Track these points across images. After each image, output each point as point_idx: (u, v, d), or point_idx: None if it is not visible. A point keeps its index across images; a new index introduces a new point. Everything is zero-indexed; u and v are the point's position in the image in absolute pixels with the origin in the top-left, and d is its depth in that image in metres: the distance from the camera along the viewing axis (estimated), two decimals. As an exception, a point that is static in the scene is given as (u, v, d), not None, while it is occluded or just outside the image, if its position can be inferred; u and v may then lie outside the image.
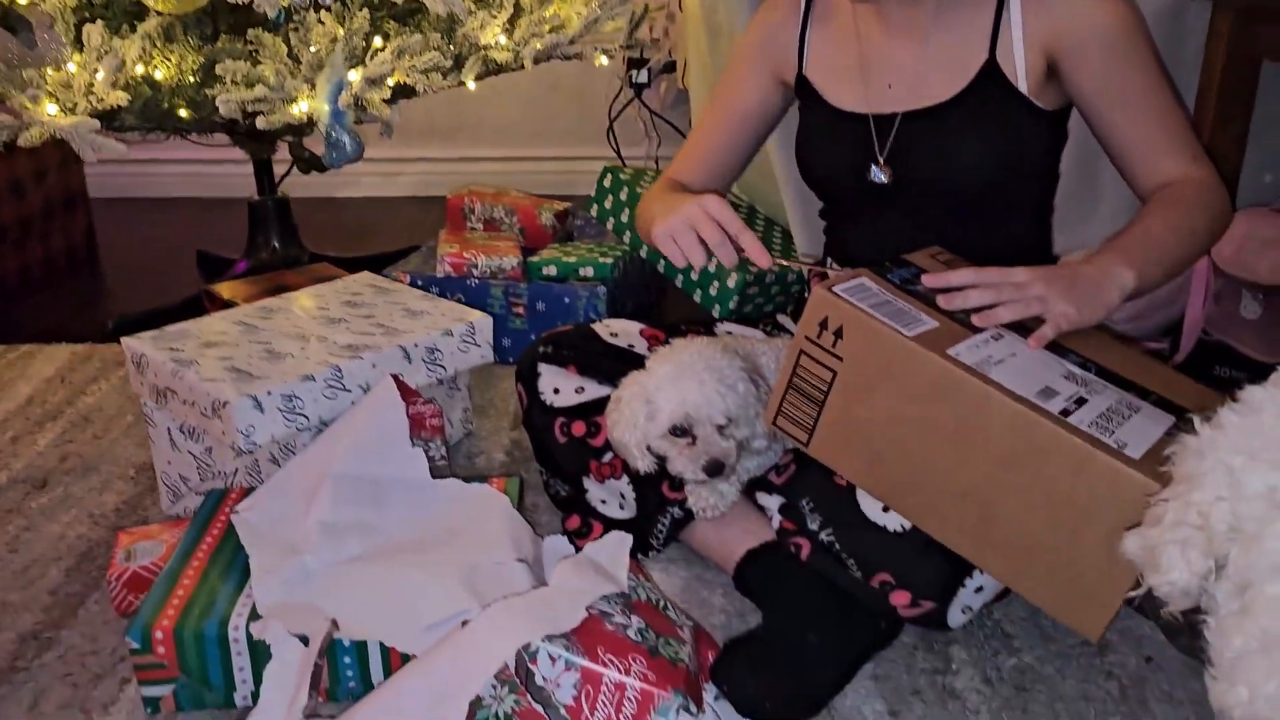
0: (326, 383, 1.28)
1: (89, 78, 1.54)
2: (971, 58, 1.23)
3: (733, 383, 1.12)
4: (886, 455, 1.03)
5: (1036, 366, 1.00)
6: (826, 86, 1.34)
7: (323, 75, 1.63)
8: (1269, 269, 1.67)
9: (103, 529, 1.38)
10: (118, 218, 2.94)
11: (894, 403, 1.01)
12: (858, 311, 1.00)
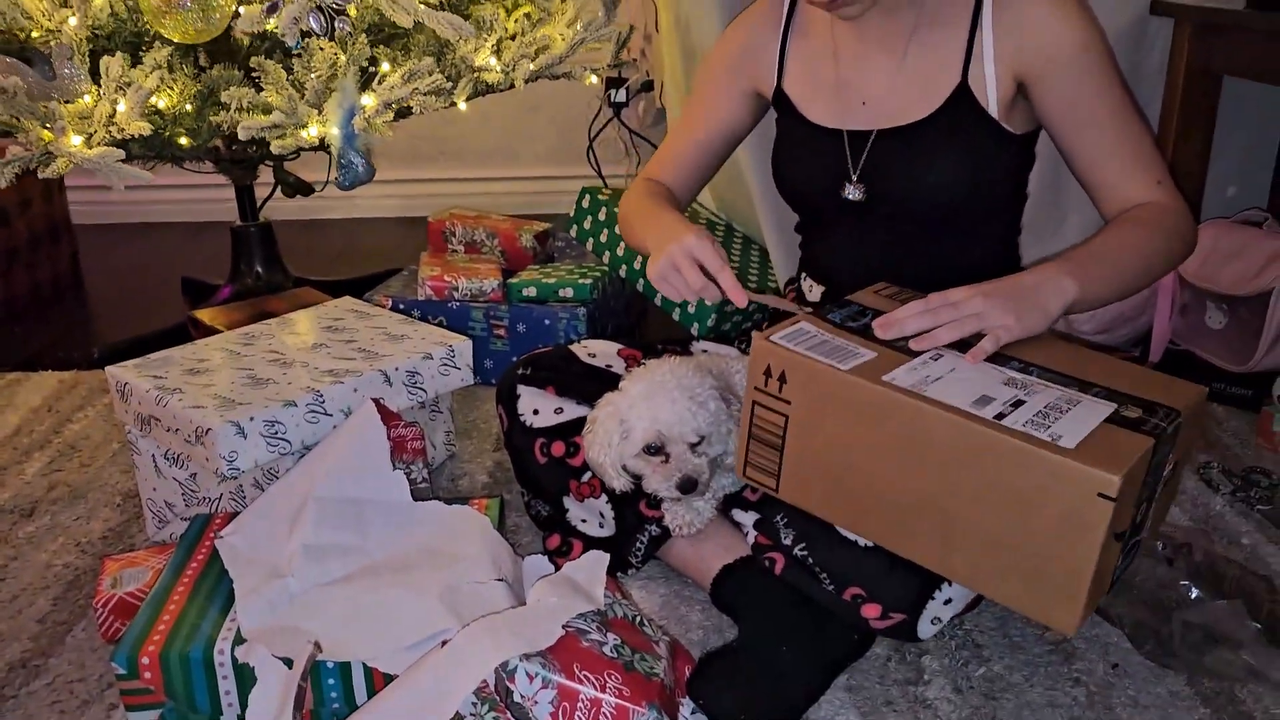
0: (308, 408, 1.31)
1: (109, 108, 1.57)
2: (944, 80, 1.26)
3: (704, 400, 1.15)
4: (845, 485, 1.07)
5: (974, 378, 1.04)
6: (803, 101, 1.37)
7: (333, 100, 1.67)
8: (1231, 280, 1.71)
9: (90, 557, 1.40)
10: (102, 244, 2.96)
11: (842, 434, 1.05)
12: (796, 355, 1.05)
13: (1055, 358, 1.10)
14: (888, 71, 1.29)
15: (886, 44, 1.29)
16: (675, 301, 1.25)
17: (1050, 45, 1.21)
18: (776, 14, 1.39)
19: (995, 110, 1.25)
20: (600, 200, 2.07)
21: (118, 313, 2.46)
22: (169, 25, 1.58)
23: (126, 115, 1.57)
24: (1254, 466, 1.54)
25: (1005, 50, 1.23)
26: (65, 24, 1.59)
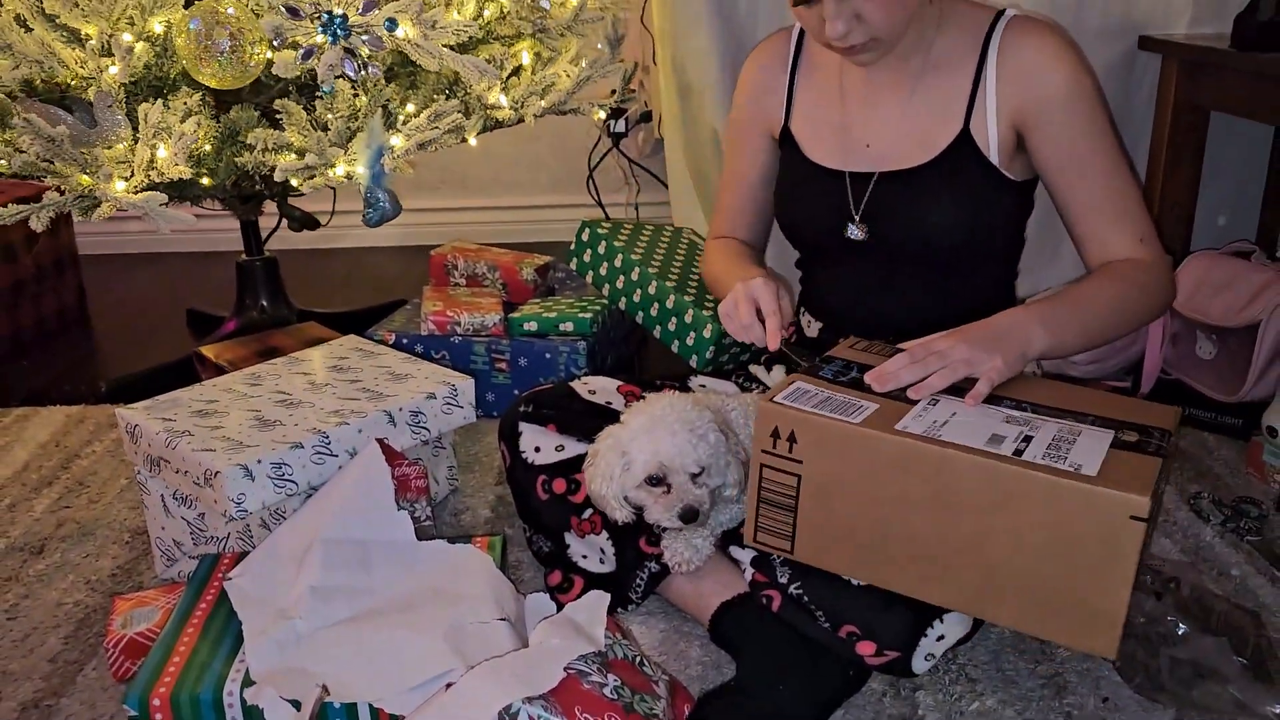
0: (314, 449, 1.33)
1: (149, 153, 1.61)
2: (947, 126, 1.30)
3: (704, 433, 1.18)
4: (870, 541, 1.08)
5: (979, 420, 1.06)
6: (807, 141, 1.41)
7: (360, 140, 1.72)
8: (1221, 311, 1.74)
9: (99, 595, 1.42)
10: (108, 274, 2.99)
11: (863, 489, 1.06)
12: (804, 414, 1.07)
13: (1039, 393, 1.13)
14: (893, 116, 1.33)
15: (893, 89, 1.34)
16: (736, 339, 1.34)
17: (1048, 95, 1.26)
18: (784, 52, 1.44)
19: (996, 157, 1.29)
20: (599, 234, 2.10)
21: (124, 345, 2.49)
22: (206, 72, 1.62)
23: (169, 160, 1.62)
24: (1244, 497, 1.56)
25: (1007, 99, 1.28)
26: (105, 72, 1.63)
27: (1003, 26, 1.30)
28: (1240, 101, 1.71)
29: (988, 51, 1.29)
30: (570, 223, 2.35)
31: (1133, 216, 1.29)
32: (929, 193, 1.31)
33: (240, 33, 1.60)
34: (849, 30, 1.19)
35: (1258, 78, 1.62)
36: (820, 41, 1.25)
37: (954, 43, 1.31)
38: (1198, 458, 1.72)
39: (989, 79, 1.28)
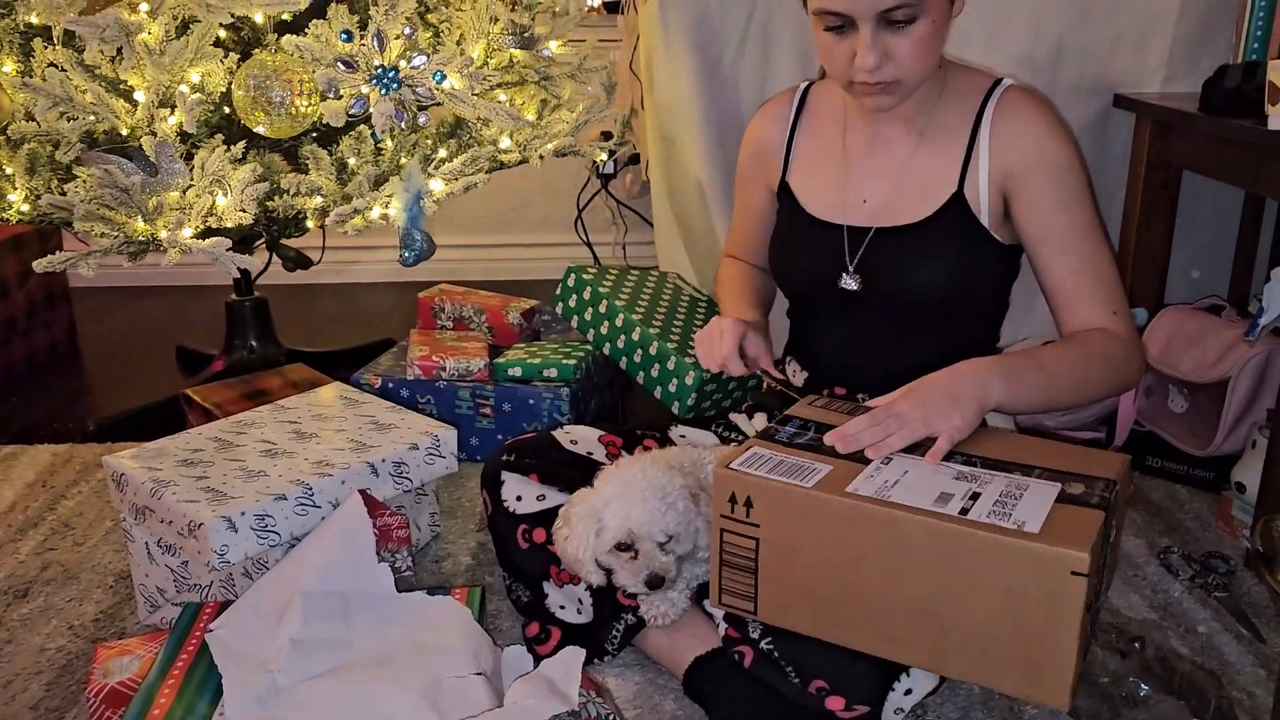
0: (298, 500, 1.35)
1: (209, 200, 1.67)
2: (942, 187, 1.35)
3: (673, 501, 1.21)
4: (829, 600, 1.11)
5: (928, 478, 1.10)
6: (805, 194, 1.45)
7: (397, 184, 1.81)
8: (1192, 366, 1.78)
9: (82, 640, 1.43)
10: (99, 309, 3.02)
11: (818, 550, 1.09)
12: (758, 479, 1.10)
13: (991, 446, 1.17)
14: (892, 174, 1.39)
15: (895, 148, 1.39)
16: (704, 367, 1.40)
17: (1032, 164, 1.31)
18: (786, 110, 1.50)
19: (986, 220, 1.34)
20: (585, 279, 2.14)
21: (113, 381, 2.51)
22: (260, 121, 1.69)
23: (231, 206, 1.69)
24: (1213, 552, 1.59)
25: (998, 164, 1.33)
26: (164, 121, 1.69)
27: (999, 95, 1.35)
28: (1209, 163, 1.75)
29: (983, 118, 1.34)
30: (559, 261, 2.39)
31: (1108, 290, 1.33)
32: (922, 248, 1.35)
33: (295, 84, 1.67)
34: (880, 65, 1.23)
35: (1224, 142, 1.67)
36: (843, 80, 1.29)
37: (953, 107, 1.37)
38: (1169, 511, 1.75)
39: (982, 144, 1.34)
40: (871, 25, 1.21)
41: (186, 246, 1.66)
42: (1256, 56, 1.70)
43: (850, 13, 1.20)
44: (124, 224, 1.67)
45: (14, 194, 1.74)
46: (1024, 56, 1.97)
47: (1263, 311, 1.45)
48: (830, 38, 1.25)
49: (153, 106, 1.67)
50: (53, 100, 1.64)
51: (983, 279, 1.38)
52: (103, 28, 1.59)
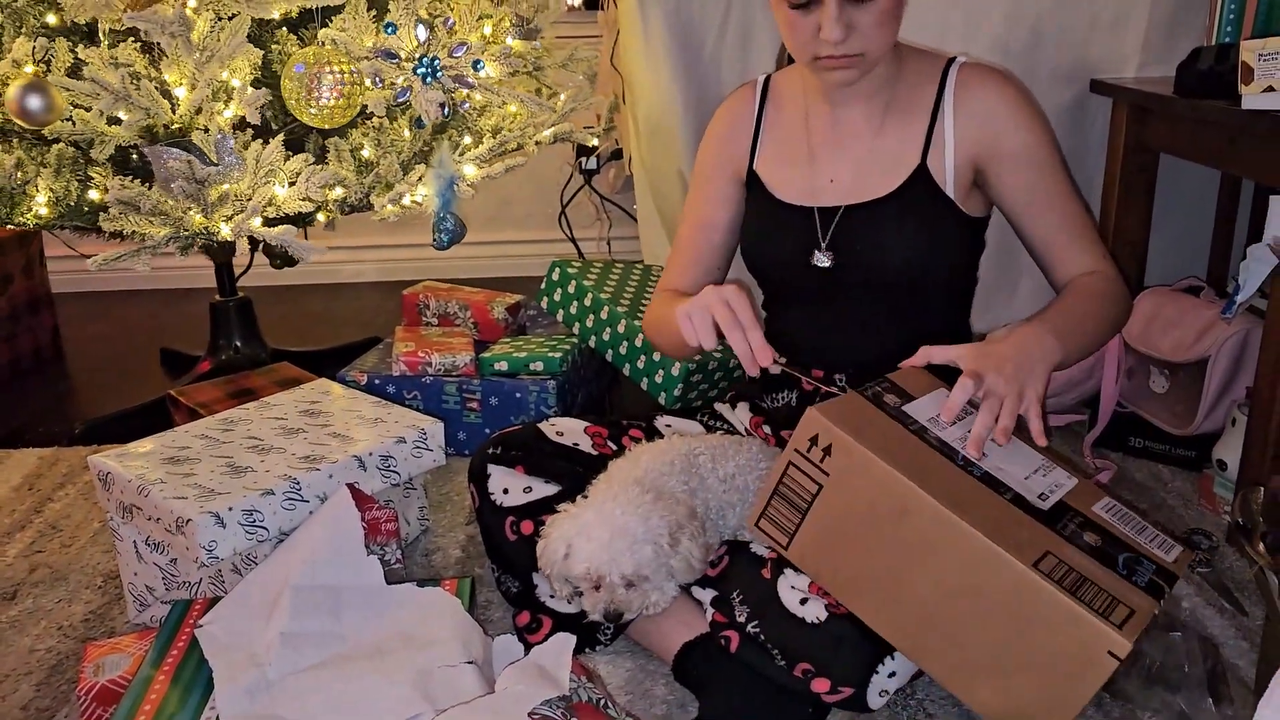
0: (285, 495, 1.36)
1: (269, 191, 1.72)
2: (906, 161, 1.38)
3: (642, 544, 1.19)
4: (862, 571, 1.11)
5: (1015, 473, 1.11)
6: (773, 180, 1.46)
7: (430, 171, 1.87)
8: (1171, 346, 1.79)
9: (72, 641, 1.43)
10: (82, 313, 3.00)
11: (875, 524, 1.09)
12: (847, 435, 1.08)
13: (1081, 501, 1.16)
14: (857, 153, 1.41)
15: (858, 128, 1.41)
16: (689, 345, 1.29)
17: (1007, 139, 1.36)
18: (750, 101, 1.51)
19: (952, 192, 1.36)
20: (569, 273, 2.14)
21: (98, 384, 2.50)
22: (310, 113, 1.74)
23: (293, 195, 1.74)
24: (1196, 529, 1.61)
25: (965, 138, 1.37)
26: (220, 115, 1.72)
27: (955, 71, 1.39)
28: (1185, 145, 1.77)
29: (944, 94, 1.38)
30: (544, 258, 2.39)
31: (1091, 238, 1.40)
32: (890, 221, 1.38)
33: (344, 76, 1.72)
34: (845, 37, 1.24)
35: (1199, 124, 1.68)
36: (807, 55, 1.30)
37: (912, 86, 1.40)
38: (1152, 490, 1.77)
39: (946, 118, 1.37)
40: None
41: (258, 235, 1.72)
42: (1229, 39, 1.72)
43: None
44: (181, 218, 1.69)
45: (40, 196, 1.75)
46: (1001, 43, 1.98)
47: (1239, 289, 1.46)
48: (794, 14, 1.26)
49: (207, 101, 1.70)
50: (114, 97, 1.65)
51: (950, 251, 1.41)
52: (169, 23, 1.62)
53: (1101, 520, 1.13)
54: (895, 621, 1.11)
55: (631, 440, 1.48)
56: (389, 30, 1.75)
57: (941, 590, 1.06)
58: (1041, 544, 1.04)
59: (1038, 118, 1.38)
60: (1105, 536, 1.10)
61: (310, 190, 1.72)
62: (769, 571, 1.23)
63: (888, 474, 1.06)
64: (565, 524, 1.23)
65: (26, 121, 1.67)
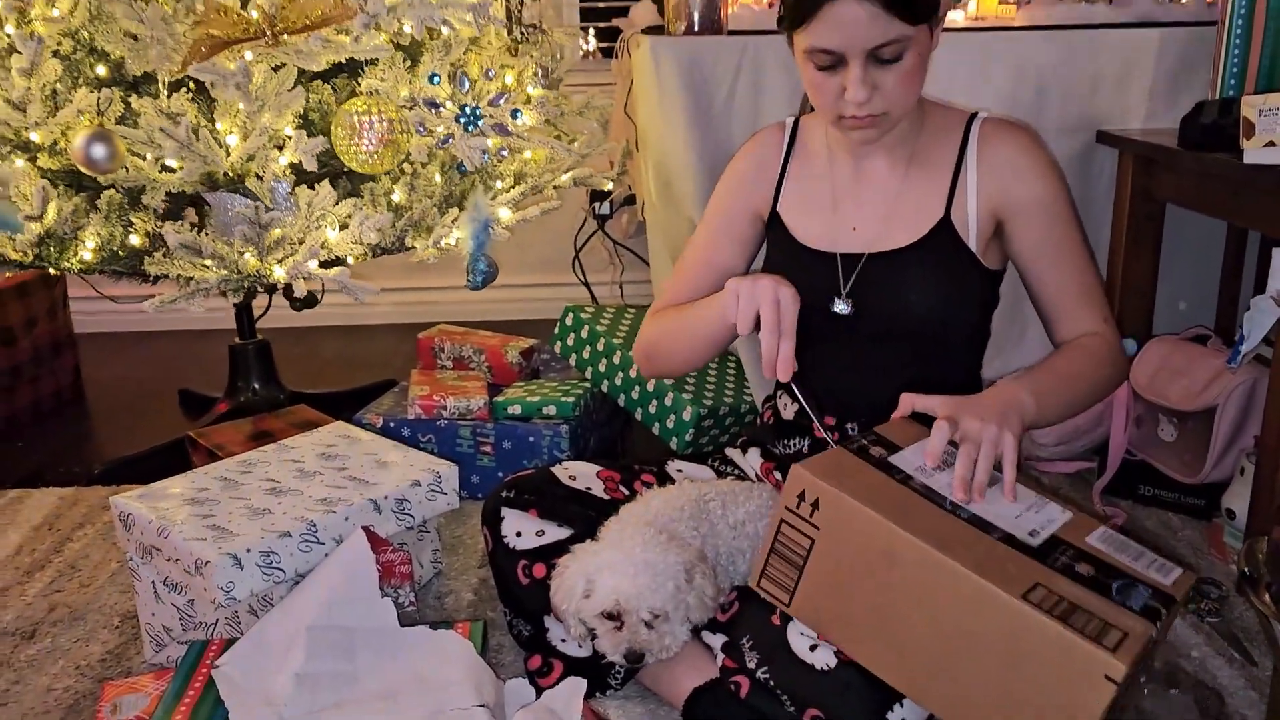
0: (302, 537, 1.38)
1: (321, 235, 1.78)
2: (930, 212, 1.41)
3: (664, 580, 1.21)
4: (862, 619, 1.12)
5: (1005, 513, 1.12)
6: (796, 224, 1.49)
7: (464, 214, 1.95)
8: (1179, 395, 1.80)
9: (89, 680, 1.45)
10: (103, 353, 3.05)
11: (868, 571, 1.10)
12: (831, 487, 1.11)
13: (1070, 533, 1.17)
14: (880, 203, 1.43)
15: (881, 179, 1.44)
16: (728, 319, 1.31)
17: (1025, 193, 1.38)
18: (778, 143, 1.53)
19: (974, 244, 1.39)
20: (582, 319, 2.17)
21: (118, 425, 2.54)
22: (358, 159, 1.81)
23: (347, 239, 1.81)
24: (1205, 578, 1.61)
25: (986, 191, 1.39)
26: (274, 162, 1.78)
27: (978, 126, 1.42)
28: (1190, 196, 1.80)
29: (967, 147, 1.41)
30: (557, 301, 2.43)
31: (1097, 300, 1.42)
32: (913, 270, 1.40)
33: (390, 124, 1.79)
34: (869, 98, 1.27)
35: (1203, 176, 1.71)
36: (831, 114, 1.33)
37: (935, 139, 1.43)
38: (1162, 538, 1.77)
39: (969, 171, 1.40)
40: (861, 61, 1.25)
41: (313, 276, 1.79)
42: (1233, 93, 1.75)
43: (842, 50, 1.25)
44: (236, 261, 1.75)
45: (89, 241, 1.82)
46: (1008, 97, 2.02)
47: (1244, 339, 1.48)
48: (820, 75, 1.29)
49: (263, 148, 1.76)
50: (179, 145, 1.71)
51: (968, 303, 1.43)
52: (232, 74, 1.69)
53: (1095, 550, 1.14)
54: (897, 666, 1.12)
55: (643, 485, 1.50)
56: (433, 80, 1.85)
57: (937, 631, 1.07)
58: (1030, 576, 1.05)
59: (1056, 174, 1.41)
60: (1099, 565, 1.11)
61: (365, 233, 1.79)
62: (779, 618, 1.24)
63: (872, 520, 1.08)
64: (583, 561, 1.25)
65: (91, 169, 1.73)
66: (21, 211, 1.76)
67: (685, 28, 2.09)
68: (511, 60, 2.05)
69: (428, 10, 1.80)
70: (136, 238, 1.84)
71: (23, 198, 1.76)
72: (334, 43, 1.75)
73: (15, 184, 1.76)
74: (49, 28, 1.74)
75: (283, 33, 1.70)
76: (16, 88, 1.72)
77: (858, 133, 1.34)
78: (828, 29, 1.23)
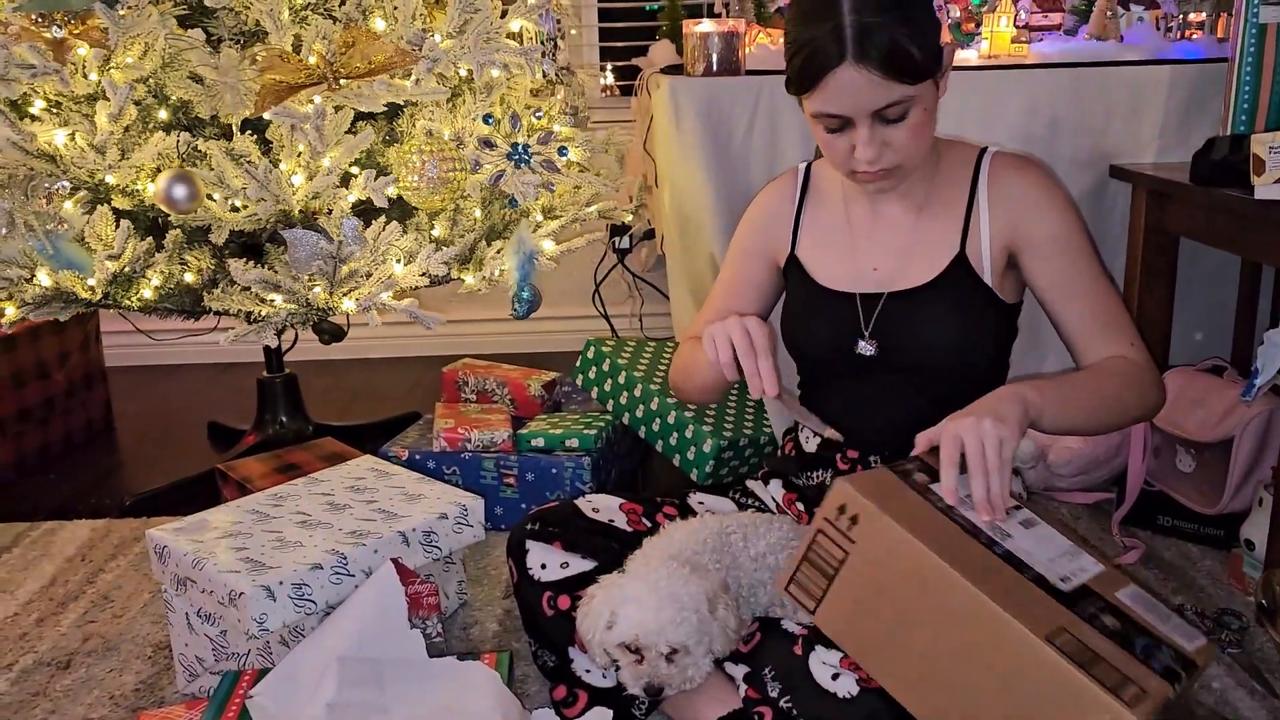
0: (333, 569, 1.41)
1: (388, 269, 1.88)
2: (945, 249, 1.43)
3: (687, 613, 1.23)
4: (885, 639, 1.14)
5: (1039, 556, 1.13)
6: (815, 266, 1.52)
7: (509, 245, 2.06)
8: (1196, 426, 1.82)
9: (123, 710, 1.48)
10: (133, 386, 3.11)
11: (899, 593, 1.11)
12: (873, 505, 1.12)
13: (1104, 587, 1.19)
14: (897, 243, 1.46)
15: (897, 220, 1.47)
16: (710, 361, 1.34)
17: (1038, 227, 1.40)
18: (792, 188, 1.56)
19: (989, 278, 1.41)
20: (604, 352, 2.21)
21: (148, 457, 2.58)
22: (417, 195, 1.91)
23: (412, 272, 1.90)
24: (1225, 608, 1.62)
25: (999, 225, 1.42)
26: (343, 199, 1.88)
27: (988, 161, 1.44)
28: (1202, 230, 1.82)
29: (978, 184, 1.43)
30: (578, 334, 2.46)
31: (1121, 326, 1.41)
32: (932, 307, 1.42)
33: (454, 163, 1.91)
34: (879, 155, 1.31)
35: (1215, 211, 1.73)
36: (844, 169, 1.37)
37: (948, 177, 1.45)
38: (1181, 569, 1.78)
39: (981, 207, 1.42)
40: (868, 122, 1.29)
41: (388, 307, 1.88)
42: (1244, 129, 1.78)
43: (847, 114, 1.28)
44: (306, 294, 1.84)
45: (155, 279, 1.90)
46: (1020, 133, 2.05)
47: (1258, 372, 1.50)
48: (830, 136, 1.33)
49: (331, 186, 1.86)
50: (260, 185, 1.80)
51: (987, 335, 1.45)
52: (307, 116, 1.79)
53: (1124, 606, 1.15)
54: (913, 689, 1.13)
55: (665, 517, 1.52)
56: (487, 121, 1.97)
57: (958, 662, 1.09)
58: (1057, 620, 1.06)
59: (1068, 205, 1.42)
60: (1126, 621, 1.12)
61: (432, 266, 1.89)
62: (800, 648, 1.26)
63: (910, 544, 1.10)
64: (609, 592, 1.27)
65: (171, 209, 1.80)
66: (95, 252, 1.83)
67: (704, 68, 2.14)
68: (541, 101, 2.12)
69: (484, 54, 1.90)
70: (191, 275, 1.92)
71: (97, 238, 1.83)
72: (395, 86, 1.84)
73: (92, 225, 1.83)
74: (127, 74, 1.81)
75: (343, 77, 1.79)
76: (100, 131, 1.80)
77: (872, 185, 1.37)
78: (832, 96, 1.27)
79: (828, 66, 1.25)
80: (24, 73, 1.74)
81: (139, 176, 1.85)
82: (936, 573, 1.08)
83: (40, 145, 1.81)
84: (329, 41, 1.79)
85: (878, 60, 1.23)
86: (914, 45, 1.24)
